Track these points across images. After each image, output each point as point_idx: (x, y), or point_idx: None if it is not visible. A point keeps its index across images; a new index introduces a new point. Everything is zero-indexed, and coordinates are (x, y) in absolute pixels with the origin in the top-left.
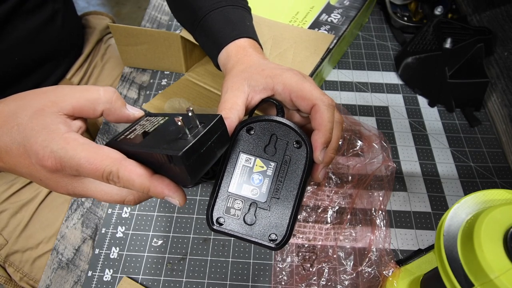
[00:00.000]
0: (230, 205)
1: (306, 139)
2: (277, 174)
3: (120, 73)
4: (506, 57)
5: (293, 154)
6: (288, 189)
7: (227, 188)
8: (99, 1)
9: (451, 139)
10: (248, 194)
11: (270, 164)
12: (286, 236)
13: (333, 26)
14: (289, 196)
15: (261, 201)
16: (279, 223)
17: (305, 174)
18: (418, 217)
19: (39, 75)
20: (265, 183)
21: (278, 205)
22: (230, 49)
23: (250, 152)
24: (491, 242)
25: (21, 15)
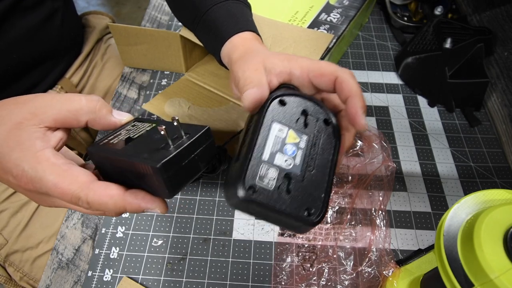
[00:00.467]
0: (263, 174)
1: (334, 117)
2: (309, 148)
3: (120, 73)
4: (506, 57)
5: (323, 131)
6: (321, 163)
7: (261, 156)
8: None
9: (451, 139)
10: (282, 164)
11: (302, 136)
12: (322, 210)
13: (333, 26)
14: (323, 170)
15: (295, 173)
16: (315, 197)
17: (336, 150)
18: (418, 217)
19: (38, 74)
20: (299, 155)
21: (312, 178)
22: (235, 40)
23: (283, 123)
24: (491, 242)
25: (20, 13)
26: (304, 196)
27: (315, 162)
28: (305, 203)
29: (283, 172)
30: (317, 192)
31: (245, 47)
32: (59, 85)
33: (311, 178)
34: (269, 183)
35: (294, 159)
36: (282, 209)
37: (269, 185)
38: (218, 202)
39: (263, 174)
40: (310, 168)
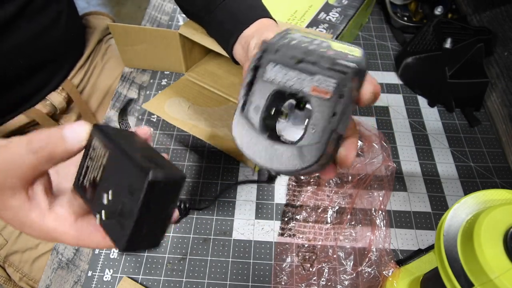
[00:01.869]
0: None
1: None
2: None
3: (120, 73)
4: (506, 57)
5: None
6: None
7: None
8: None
9: (451, 139)
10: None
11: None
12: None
13: (331, 25)
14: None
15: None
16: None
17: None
18: (418, 217)
19: (42, 77)
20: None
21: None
22: (252, 28)
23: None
24: (491, 242)
25: (26, 17)
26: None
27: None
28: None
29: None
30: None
31: (269, 30)
32: (60, 87)
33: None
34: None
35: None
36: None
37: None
38: (218, 202)
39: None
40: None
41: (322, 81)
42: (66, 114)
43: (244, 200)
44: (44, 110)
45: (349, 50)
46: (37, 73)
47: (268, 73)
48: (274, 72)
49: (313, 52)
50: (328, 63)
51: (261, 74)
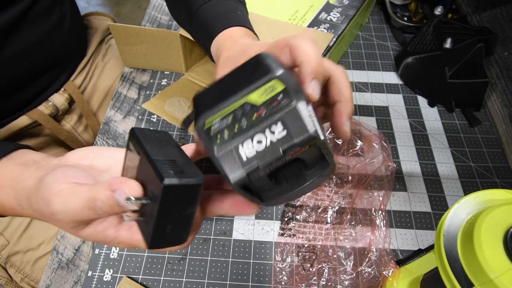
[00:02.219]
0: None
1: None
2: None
3: (120, 73)
4: (506, 57)
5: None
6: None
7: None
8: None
9: (451, 139)
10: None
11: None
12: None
13: (332, 25)
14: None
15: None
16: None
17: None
18: (418, 217)
19: (46, 79)
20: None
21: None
22: (219, 39)
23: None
24: (491, 242)
25: (30, 20)
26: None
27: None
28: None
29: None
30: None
31: (225, 46)
32: (62, 88)
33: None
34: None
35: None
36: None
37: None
38: None
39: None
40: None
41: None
42: (67, 114)
43: None
44: (46, 111)
45: (270, 96)
46: (42, 76)
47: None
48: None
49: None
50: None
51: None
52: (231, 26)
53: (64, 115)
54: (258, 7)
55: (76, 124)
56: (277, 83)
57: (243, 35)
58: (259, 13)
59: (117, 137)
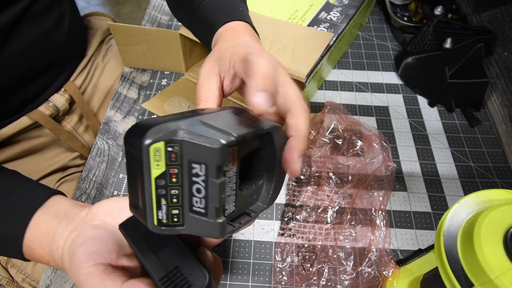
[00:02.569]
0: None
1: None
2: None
3: (120, 73)
4: (506, 57)
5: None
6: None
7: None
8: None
9: (451, 139)
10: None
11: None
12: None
13: (332, 24)
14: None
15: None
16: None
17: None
18: (418, 217)
19: (46, 79)
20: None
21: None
22: (218, 33)
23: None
24: (491, 242)
25: (29, 20)
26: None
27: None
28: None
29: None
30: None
31: (223, 37)
32: (63, 88)
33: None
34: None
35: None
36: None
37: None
38: None
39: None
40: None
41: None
42: (68, 115)
43: None
44: (47, 112)
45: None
46: (41, 76)
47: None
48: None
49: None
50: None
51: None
52: (233, 20)
53: (65, 116)
54: (258, 6)
55: (77, 124)
56: (158, 145)
57: (245, 30)
58: (259, 12)
59: (117, 137)
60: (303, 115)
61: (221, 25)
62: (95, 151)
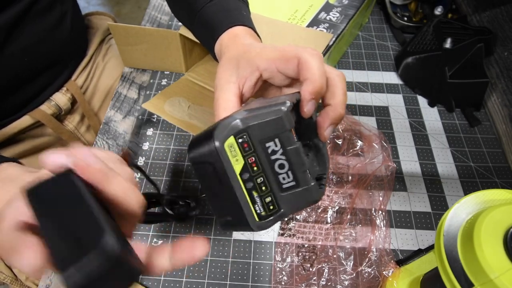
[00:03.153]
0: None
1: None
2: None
3: (121, 73)
4: (506, 57)
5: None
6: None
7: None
8: (99, 1)
9: (451, 139)
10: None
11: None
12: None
13: (332, 25)
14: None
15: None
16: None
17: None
18: (418, 217)
19: (47, 77)
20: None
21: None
22: (223, 38)
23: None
24: (491, 242)
25: (31, 18)
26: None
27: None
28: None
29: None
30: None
31: (228, 46)
32: (65, 87)
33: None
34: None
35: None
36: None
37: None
38: None
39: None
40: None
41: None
42: (70, 115)
43: None
44: (49, 111)
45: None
46: (42, 74)
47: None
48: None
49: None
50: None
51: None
52: (236, 25)
53: (67, 115)
54: (257, 7)
55: (79, 124)
56: (230, 141)
57: (247, 35)
58: (258, 13)
59: (117, 137)
60: (340, 84)
61: (224, 31)
62: None
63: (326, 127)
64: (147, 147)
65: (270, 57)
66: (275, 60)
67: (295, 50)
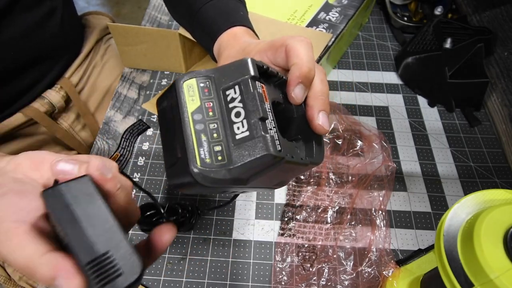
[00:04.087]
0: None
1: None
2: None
3: (120, 73)
4: (506, 57)
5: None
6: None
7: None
8: (99, 1)
9: (451, 139)
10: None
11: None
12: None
13: (331, 25)
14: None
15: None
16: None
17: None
18: (418, 217)
19: (36, 73)
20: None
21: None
22: (222, 38)
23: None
24: (491, 242)
25: (18, 11)
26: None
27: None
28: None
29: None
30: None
31: (226, 45)
32: (58, 85)
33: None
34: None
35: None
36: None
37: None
38: (218, 202)
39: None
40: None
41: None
42: (64, 113)
43: (244, 200)
44: (42, 109)
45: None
46: (31, 68)
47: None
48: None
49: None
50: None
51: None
52: (234, 26)
53: (61, 114)
54: (257, 7)
55: (74, 123)
56: (191, 82)
57: (246, 34)
58: (258, 13)
59: (117, 137)
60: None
61: (223, 32)
62: (95, 151)
63: (316, 116)
64: (147, 147)
65: (261, 49)
66: (265, 51)
67: (282, 39)
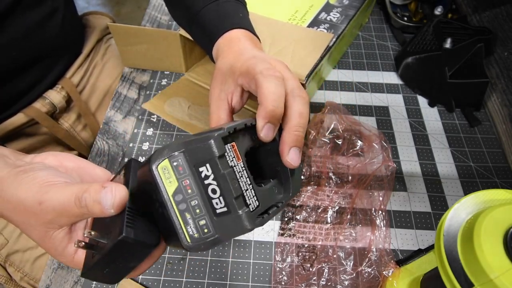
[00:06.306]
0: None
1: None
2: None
3: (120, 73)
4: (506, 57)
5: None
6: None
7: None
8: (99, 1)
9: (451, 139)
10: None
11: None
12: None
13: (332, 25)
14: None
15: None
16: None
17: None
18: (418, 217)
19: (37, 72)
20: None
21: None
22: (220, 42)
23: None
24: (491, 242)
25: (20, 11)
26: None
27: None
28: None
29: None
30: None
31: (222, 52)
32: (59, 85)
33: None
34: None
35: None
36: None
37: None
38: None
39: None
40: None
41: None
42: (65, 113)
43: None
44: (44, 109)
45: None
46: (31, 68)
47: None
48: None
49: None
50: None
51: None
52: (232, 29)
53: (62, 114)
54: (257, 7)
55: (75, 123)
56: (164, 163)
57: (245, 37)
58: (258, 13)
59: (117, 137)
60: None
61: (222, 34)
62: (95, 151)
63: (286, 152)
64: (147, 147)
65: (243, 72)
66: (244, 76)
67: (254, 71)
